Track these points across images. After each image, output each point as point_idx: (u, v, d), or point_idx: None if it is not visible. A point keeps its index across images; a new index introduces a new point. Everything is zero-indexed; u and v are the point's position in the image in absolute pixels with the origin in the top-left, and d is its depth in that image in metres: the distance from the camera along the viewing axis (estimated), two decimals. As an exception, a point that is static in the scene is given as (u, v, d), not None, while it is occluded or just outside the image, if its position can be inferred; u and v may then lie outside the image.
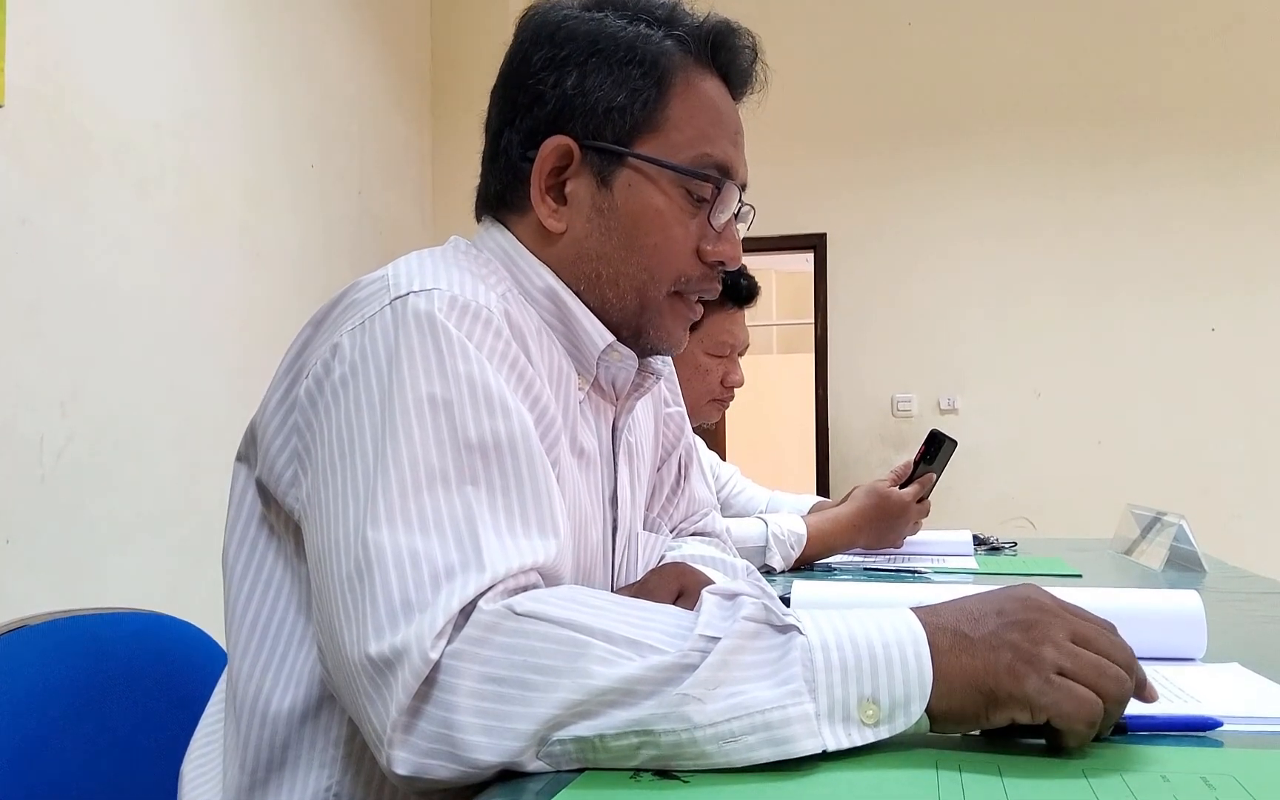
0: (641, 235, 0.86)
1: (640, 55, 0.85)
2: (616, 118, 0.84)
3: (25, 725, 0.87)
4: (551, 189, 0.86)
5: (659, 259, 0.87)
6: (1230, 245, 4.55)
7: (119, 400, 2.70)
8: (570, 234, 0.87)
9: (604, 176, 0.86)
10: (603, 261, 0.87)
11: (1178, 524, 1.70)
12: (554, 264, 0.87)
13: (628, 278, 0.87)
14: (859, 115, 4.85)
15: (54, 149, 2.52)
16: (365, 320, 0.74)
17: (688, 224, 0.87)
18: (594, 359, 0.88)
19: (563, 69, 0.85)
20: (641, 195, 0.85)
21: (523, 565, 0.65)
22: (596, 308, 0.88)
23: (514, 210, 0.89)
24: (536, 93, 0.86)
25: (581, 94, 0.84)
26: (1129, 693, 0.61)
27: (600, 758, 0.58)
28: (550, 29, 0.87)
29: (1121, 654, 0.62)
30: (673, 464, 1.14)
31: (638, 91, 0.84)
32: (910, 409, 4.80)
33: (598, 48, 0.85)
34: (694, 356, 1.85)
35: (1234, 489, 4.47)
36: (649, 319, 0.89)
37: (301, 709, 0.76)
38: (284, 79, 3.58)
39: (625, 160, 0.85)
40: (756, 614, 0.61)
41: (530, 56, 0.86)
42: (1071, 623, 0.62)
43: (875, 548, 1.79)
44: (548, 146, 0.85)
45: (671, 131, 0.85)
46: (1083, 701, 0.59)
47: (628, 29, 0.86)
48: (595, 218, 0.86)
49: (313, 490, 0.71)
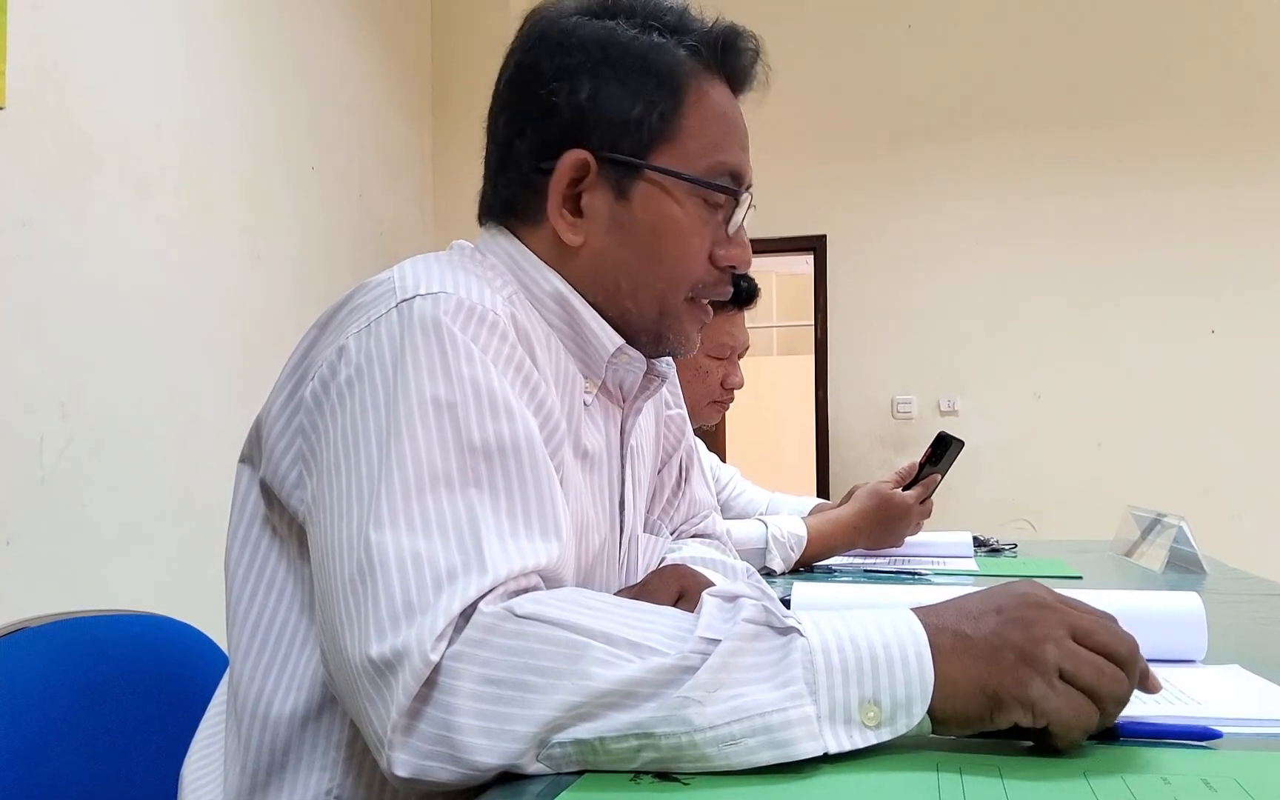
0: (661, 246, 0.86)
1: (655, 66, 0.84)
2: (633, 130, 0.84)
3: (25, 727, 0.87)
4: (567, 202, 0.86)
5: (678, 268, 0.87)
6: (1231, 246, 4.55)
7: (119, 402, 2.70)
8: (588, 247, 0.86)
9: (621, 189, 0.85)
10: (622, 273, 0.86)
11: (1178, 525, 1.70)
12: (571, 277, 0.87)
13: (647, 288, 0.87)
14: (859, 117, 4.85)
15: (54, 151, 2.52)
16: (371, 322, 0.74)
17: (703, 232, 0.87)
18: (603, 362, 0.88)
19: (576, 79, 0.84)
20: (659, 207, 0.85)
21: (524, 567, 0.65)
22: (615, 317, 0.88)
23: (526, 221, 0.88)
24: (549, 104, 0.84)
25: (596, 106, 0.83)
26: (1127, 693, 0.61)
27: (600, 760, 0.58)
28: (559, 36, 0.85)
29: (1123, 645, 0.61)
30: (673, 466, 1.14)
31: (654, 103, 0.84)
32: (910, 411, 4.80)
33: (611, 58, 0.84)
34: (694, 359, 1.85)
35: (1234, 491, 4.47)
36: (668, 325, 0.89)
37: (303, 712, 0.76)
38: (284, 81, 3.58)
39: (642, 172, 0.85)
40: (757, 616, 0.61)
41: (541, 65, 0.85)
42: (1071, 617, 0.62)
43: (875, 549, 1.79)
44: (565, 161, 0.84)
45: (686, 140, 0.85)
46: (1081, 712, 0.59)
47: (640, 38, 0.85)
48: (614, 231, 0.86)
49: (317, 492, 0.71)
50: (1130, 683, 0.61)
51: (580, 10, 0.87)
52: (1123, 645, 0.61)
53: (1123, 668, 0.61)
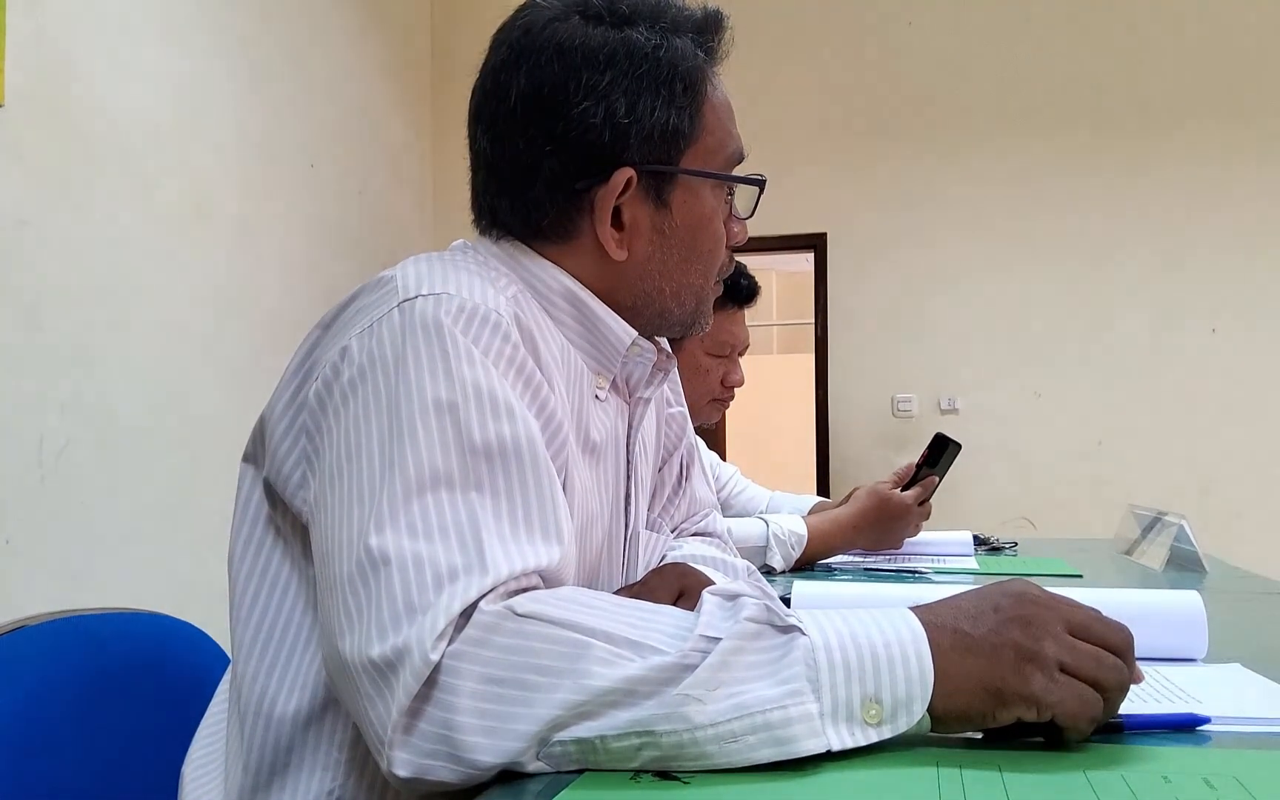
0: (699, 244, 0.89)
1: (680, 71, 0.85)
2: (670, 138, 0.85)
3: (25, 725, 0.86)
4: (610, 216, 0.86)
5: (713, 260, 0.91)
6: (1231, 246, 4.54)
7: (119, 400, 2.70)
8: (632, 259, 0.87)
9: (661, 196, 0.86)
10: (665, 277, 0.88)
11: (1178, 524, 1.70)
12: (609, 286, 0.88)
13: (688, 286, 0.90)
14: (860, 115, 4.84)
15: (54, 150, 2.52)
16: (373, 323, 0.74)
17: (722, 219, 0.91)
18: (618, 356, 0.88)
19: (609, 96, 0.83)
20: (695, 207, 0.88)
21: (525, 568, 0.65)
22: (653, 315, 0.90)
23: (555, 240, 0.87)
24: (585, 123, 0.83)
25: (635, 121, 0.83)
26: (1128, 681, 0.62)
27: (601, 759, 0.58)
28: (579, 52, 0.83)
29: (1117, 635, 0.63)
30: (674, 464, 1.14)
31: (683, 108, 0.85)
32: (910, 409, 4.80)
33: (641, 71, 0.83)
34: (694, 357, 1.85)
35: (1235, 489, 4.47)
36: (702, 312, 0.93)
37: (305, 712, 0.76)
38: (285, 79, 3.58)
39: (677, 177, 0.87)
40: (758, 614, 0.61)
41: (567, 83, 0.83)
42: (1065, 613, 0.63)
43: (875, 549, 1.79)
44: (614, 181, 0.84)
45: (706, 137, 0.87)
46: (1086, 701, 0.60)
47: (660, 44, 0.85)
48: (656, 238, 0.87)
49: (319, 493, 0.71)
50: (1129, 671, 0.62)
51: (586, 17, 0.85)
52: (1117, 635, 0.63)
53: (1119, 656, 0.62)
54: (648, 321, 0.90)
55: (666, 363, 0.95)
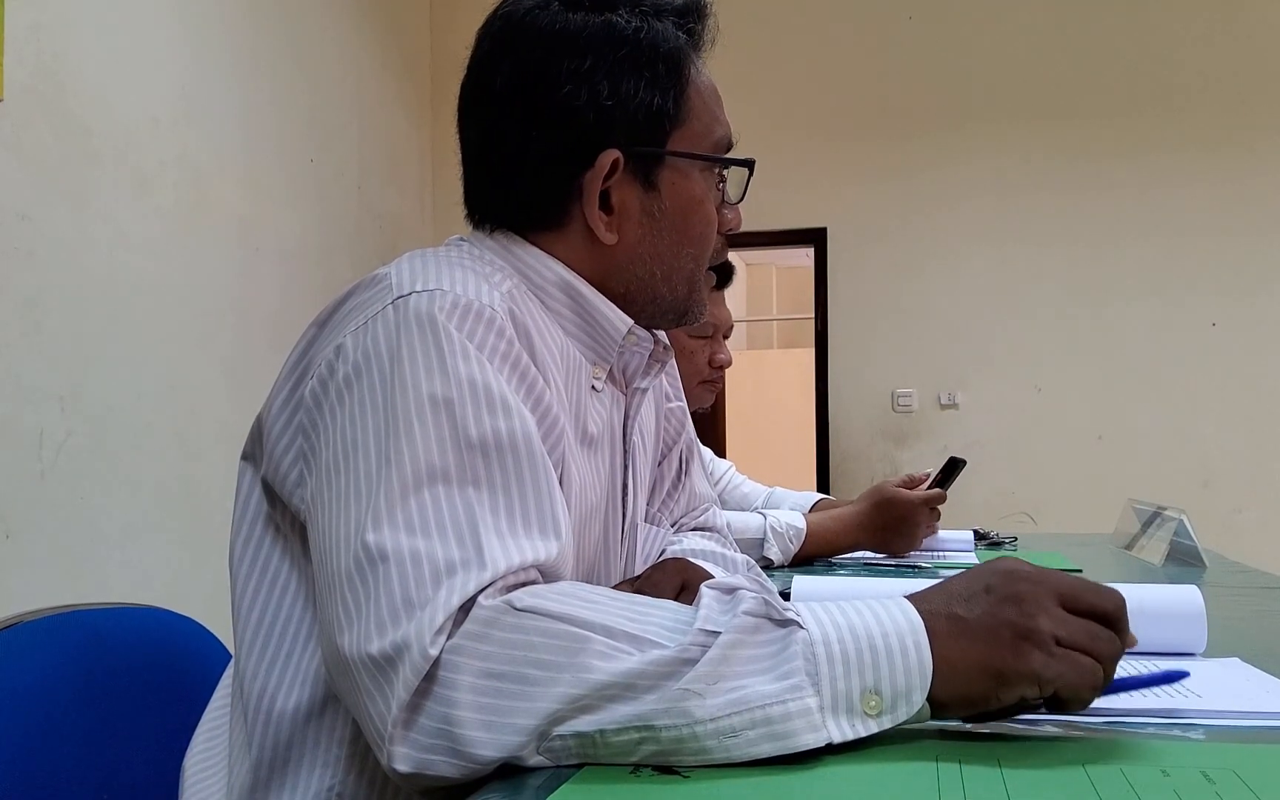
0: (689, 227, 0.89)
1: (662, 53, 0.85)
2: (655, 120, 0.85)
3: (25, 721, 0.87)
4: (599, 201, 0.86)
5: (704, 244, 0.91)
6: (1231, 240, 4.54)
7: (118, 395, 2.70)
8: (623, 243, 0.87)
9: (649, 179, 0.87)
10: (656, 261, 0.89)
11: (1178, 519, 1.70)
12: (601, 272, 0.88)
13: (680, 270, 0.90)
14: (860, 109, 4.84)
15: (53, 144, 2.51)
16: (368, 320, 0.74)
17: (713, 203, 0.91)
18: (615, 345, 0.89)
19: (593, 80, 0.83)
20: (684, 190, 0.88)
21: (523, 562, 0.65)
22: (645, 302, 0.90)
23: (546, 226, 0.88)
24: (570, 107, 0.83)
25: (619, 103, 0.84)
26: (1121, 648, 0.63)
27: (600, 753, 0.58)
28: (563, 37, 0.84)
29: (1109, 602, 0.63)
30: (674, 458, 1.14)
31: (667, 90, 0.86)
32: (911, 404, 4.80)
33: (624, 54, 0.84)
34: (679, 339, 1.83)
35: (1235, 484, 4.47)
36: (695, 298, 0.93)
37: (306, 708, 0.76)
38: (283, 74, 3.57)
39: (665, 160, 0.87)
40: (756, 608, 0.61)
41: (549, 68, 0.84)
42: (1056, 586, 0.63)
43: (883, 551, 1.75)
44: (599, 163, 0.84)
45: (693, 120, 0.88)
46: (1086, 671, 0.60)
47: (642, 27, 0.85)
48: (646, 221, 0.87)
49: (316, 490, 0.71)
50: (1122, 637, 0.63)
51: (565, 3, 0.85)
52: (1108, 602, 0.63)
53: (1112, 624, 0.62)
54: (641, 309, 0.90)
55: (663, 354, 0.95)
